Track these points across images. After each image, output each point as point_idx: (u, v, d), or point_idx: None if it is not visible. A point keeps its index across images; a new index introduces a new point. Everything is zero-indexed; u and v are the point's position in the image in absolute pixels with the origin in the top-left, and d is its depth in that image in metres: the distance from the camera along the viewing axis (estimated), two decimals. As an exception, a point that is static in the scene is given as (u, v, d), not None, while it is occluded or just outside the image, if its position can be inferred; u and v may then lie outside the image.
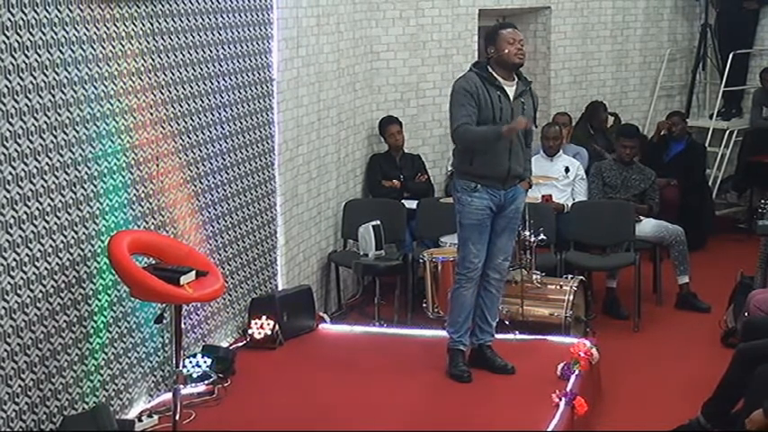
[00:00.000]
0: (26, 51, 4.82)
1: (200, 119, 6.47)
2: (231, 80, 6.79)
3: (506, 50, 6.12)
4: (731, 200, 11.49)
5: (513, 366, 6.37)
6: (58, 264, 5.14)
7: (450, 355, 6.35)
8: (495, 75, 6.17)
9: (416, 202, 8.79)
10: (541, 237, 7.61)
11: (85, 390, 5.40)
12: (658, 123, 10.34)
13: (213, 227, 6.66)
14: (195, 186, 6.45)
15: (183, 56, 6.25)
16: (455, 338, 6.34)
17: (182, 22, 6.21)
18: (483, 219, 6.22)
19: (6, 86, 4.69)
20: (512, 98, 6.18)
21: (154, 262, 5.51)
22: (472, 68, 6.28)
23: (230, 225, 6.87)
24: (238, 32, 6.85)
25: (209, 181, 6.60)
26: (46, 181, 5.01)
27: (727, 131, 11.09)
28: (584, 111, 10.57)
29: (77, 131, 5.24)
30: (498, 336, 7.07)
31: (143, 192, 5.88)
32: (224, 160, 6.77)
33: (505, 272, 6.48)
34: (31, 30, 4.85)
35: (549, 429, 5.66)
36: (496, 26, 6.42)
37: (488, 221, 6.24)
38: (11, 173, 4.76)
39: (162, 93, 6.05)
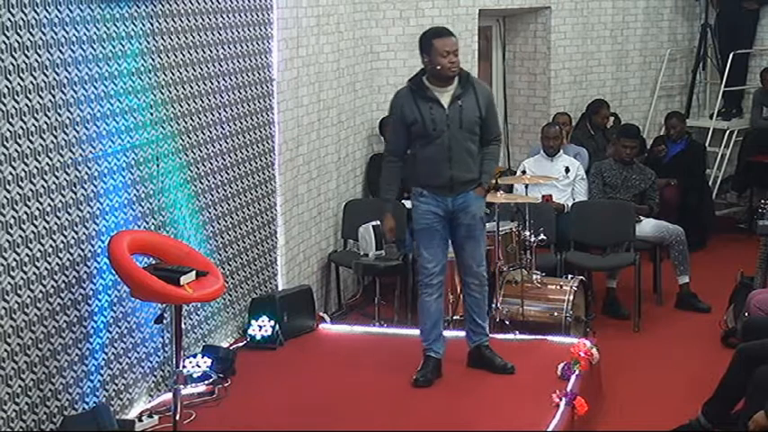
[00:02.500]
0: (26, 51, 4.82)
1: (200, 119, 6.47)
2: (231, 80, 6.79)
3: (439, 65, 5.99)
4: (731, 200, 11.49)
5: (513, 366, 6.35)
6: (58, 264, 5.14)
7: (423, 359, 6.31)
8: (429, 84, 6.08)
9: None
10: (541, 237, 7.62)
11: (86, 390, 5.40)
12: (654, 150, 10.21)
13: (213, 227, 6.66)
14: (195, 186, 6.45)
15: (183, 56, 6.25)
16: (425, 345, 6.31)
17: (182, 22, 6.21)
18: (431, 223, 6.15)
19: (6, 86, 4.70)
20: (446, 105, 6.05)
21: (154, 262, 5.51)
22: (408, 82, 6.21)
23: (230, 225, 6.87)
24: (238, 32, 6.85)
25: (209, 181, 6.60)
26: (46, 181, 5.01)
27: (727, 131, 11.09)
28: (586, 109, 10.57)
29: (77, 131, 5.24)
30: (498, 336, 7.08)
31: (143, 192, 5.88)
32: (224, 160, 6.77)
33: (484, 277, 6.37)
34: (31, 30, 4.85)
35: (550, 429, 5.65)
36: (429, 33, 6.15)
37: (438, 226, 6.16)
38: (11, 173, 4.76)
39: (162, 93, 6.05)
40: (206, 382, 6.12)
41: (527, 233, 7.59)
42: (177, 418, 5.42)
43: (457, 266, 6.54)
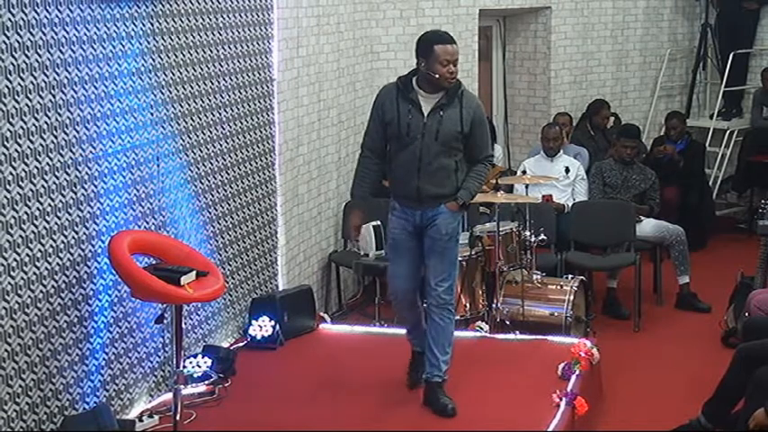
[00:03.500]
0: (26, 51, 4.82)
1: (200, 119, 6.47)
2: (231, 80, 6.79)
3: (438, 73, 5.58)
4: (731, 200, 11.49)
5: (454, 408, 5.79)
6: (58, 264, 5.14)
7: (411, 356, 6.23)
8: (416, 86, 5.69)
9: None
10: (542, 237, 7.62)
11: (86, 390, 5.40)
12: (655, 151, 10.20)
13: (214, 227, 6.66)
14: (196, 186, 6.45)
15: (184, 56, 6.25)
16: (413, 343, 6.18)
17: (182, 22, 6.21)
18: (399, 239, 5.84)
19: (7, 86, 4.70)
20: (426, 112, 5.63)
21: (154, 262, 5.51)
22: (397, 79, 5.83)
23: (231, 225, 6.87)
24: (238, 32, 6.85)
25: (209, 181, 6.60)
26: (46, 181, 5.02)
27: (728, 131, 11.09)
28: (586, 109, 10.56)
29: (77, 131, 5.24)
30: (498, 336, 7.09)
31: (143, 192, 5.88)
32: (224, 160, 6.77)
33: (443, 300, 5.83)
34: (31, 30, 4.85)
35: (550, 429, 5.66)
36: (431, 37, 5.72)
37: (406, 243, 5.83)
38: (11, 173, 4.76)
39: (162, 93, 6.05)
40: (206, 382, 6.12)
41: (527, 233, 7.59)
42: (177, 418, 5.42)
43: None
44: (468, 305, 7.45)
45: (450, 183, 5.74)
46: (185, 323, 6.19)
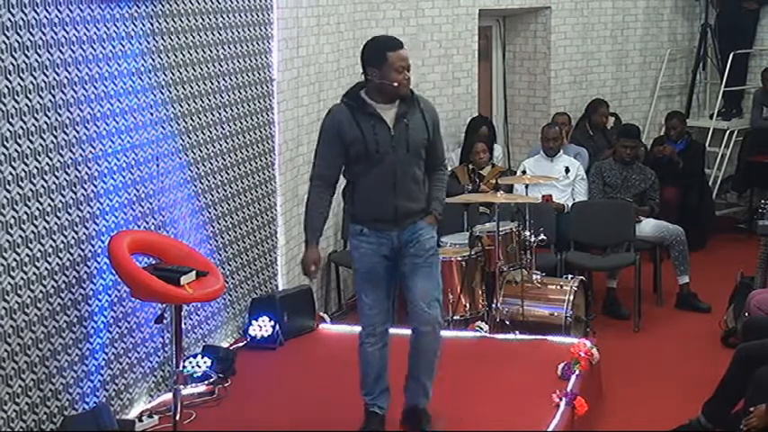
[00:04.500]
0: (26, 51, 4.82)
1: (200, 119, 6.47)
2: (231, 80, 6.79)
3: (395, 82, 5.15)
4: (731, 200, 11.49)
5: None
6: (58, 264, 5.14)
7: (365, 416, 5.54)
8: (369, 100, 5.21)
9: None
10: (541, 237, 7.62)
11: (86, 390, 5.40)
12: (655, 150, 10.19)
13: (213, 227, 6.66)
14: (195, 186, 6.45)
15: (183, 56, 6.25)
16: (368, 400, 5.53)
17: (182, 22, 6.21)
18: (373, 266, 5.30)
19: (6, 86, 4.70)
20: (390, 123, 5.20)
21: (154, 262, 5.51)
22: (343, 99, 5.33)
23: (231, 225, 6.87)
24: (238, 32, 6.85)
25: (209, 181, 6.60)
26: (46, 181, 5.01)
27: (728, 131, 11.09)
28: (585, 110, 10.57)
29: (77, 131, 5.24)
30: (498, 336, 7.09)
31: (143, 192, 5.88)
32: (224, 160, 6.77)
33: (436, 321, 5.38)
34: (31, 30, 4.85)
35: (550, 429, 5.65)
36: (381, 44, 5.27)
37: (381, 270, 5.32)
38: (11, 173, 4.76)
39: (162, 93, 6.05)
40: (206, 382, 6.12)
41: (527, 233, 7.59)
42: (177, 418, 5.42)
43: (406, 308, 5.51)
44: (467, 305, 7.45)
45: (422, 196, 5.36)
46: (185, 323, 6.19)
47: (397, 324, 7.60)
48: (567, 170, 8.97)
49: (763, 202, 7.93)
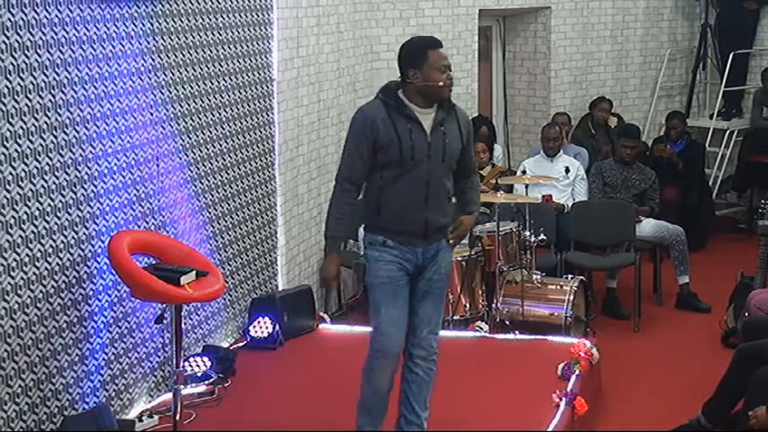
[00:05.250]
0: (26, 51, 4.82)
1: (200, 119, 6.47)
2: (231, 80, 6.79)
3: (439, 81, 4.89)
4: (731, 200, 11.49)
5: None
6: (58, 264, 5.14)
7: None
8: (408, 102, 4.91)
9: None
10: (541, 237, 7.62)
11: (86, 390, 5.40)
12: (654, 148, 10.21)
13: (213, 227, 6.66)
14: (195, 186, 6.45)
15: (183, 56, 6.25)
16: (364, 421, 5.19)
17: (182, 22, 6.21)
18: (397, 277, 4.96)
19: (6, 86, 4.70)
20: (428, 130, 4.90)
21: (154, 262, 5.51)
22: (379, 95, 5.02)
23: (230, 225, 6.87)
24: (238, 32, 6.85)
25: (209, 181, 6.60)
26: (46, 181, 5.01)
27: (727, 131, 11.09)
28: (589, 108, 10.56)
29: (77, 131, 5.24)
30: (498, 336, 7.09)
31: (143, 192, 5.88)
32: (224, 160, 6.77)
33: (433, 349, 5.13)
34: (31, 30, 4.85)
35: (550, 429, 5.66)
36: (421, 43, 5.01)
37: (404, 281, 4.98)
38: (11, 173, 4.76)
39: (162, 93, 6.05)
40: (206, 382, 6.12)
41: (527, 233, 7.59)
42: (177, 418, 5.41)
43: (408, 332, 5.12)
44: (467, 305, 7.46)
45: (449, 209, 5.10)
46: (185, 323, 6.19)
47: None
48: (567, 170, 8.97)
49: (763, 202, 7.93)
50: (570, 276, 7.74)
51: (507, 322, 7.23)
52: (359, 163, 4.95)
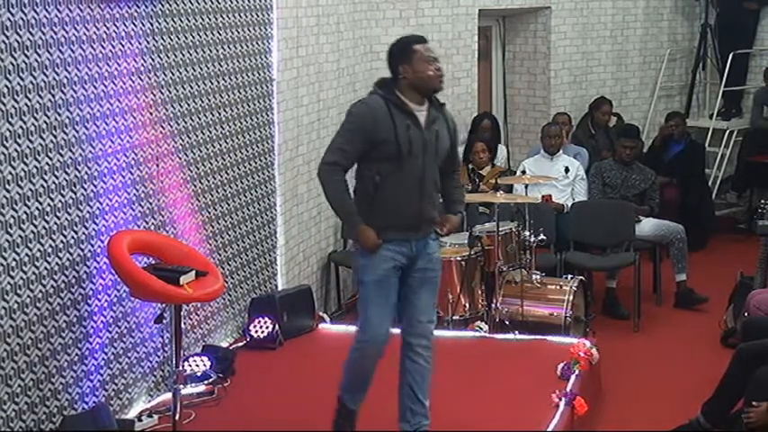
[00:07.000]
0: (26, 51, 4.82)
1: (200, 119, 6.47)
2: (231, 80, 6.79)
3: (429, 72, 5.08)
4: (731, 200, 11.50)
5: None
6: (57, 264, 5.14)
7: (340, 413, 5.43)
8: (405, 99, 5.07)
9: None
10: (541, 237, 7.62)
11: (85, 389, 5.40)
12: (661, 128, 10.32)
13: (213, 227, 6.66)
14: (195, 186, 6.45)
15: (183, 56, 6.25)
16: (346, 400, 5.41)
17: (182, 22, 6.21)
18: (388, 275, 5.08)
19: (6, 86, 4.70)
20: (424, 126, 5.08)
21: (154, 262, 5.51)
22: (376, 90, 5.15)
23: (230, 225, 6.87)
24: (238, 32, 6.85)
25: (209, 181, 6.60)
26: (46, 181, 5.01)
27: (727, 131, 11.10)
28: (589, 107, 10.56)
29: (77, 131, 5.24)
30: (498, 336, 7.09)
31: (143, 192, 5.88)
32: (224, 160, 6.77)
33: (432, 335, 5.26)
34: (30, 30, 4.85)
35: (549, 429, 5.65)
36: (407, 40, 5.26)
37: (396, 277, 5.12)
38: (11, 173, 4.76)
39: (162, 93, 6.05)
40: (206, 382, 6.12)
41: (527, 233, 7.59)
42: (177, 418, 5.41)
43: (402, 323, 5.27)
44: (467, 305, 7.45)
45: (438, 203, 5.27)
46: (185, 323, 6.19)
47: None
48: (567, 170, 8.97)
49: (762, 202, 7.93)
50: (570, 276, 7.74)
51: (507, 322, 7.23)
52: (352, 153, 5.06)
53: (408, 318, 5.22)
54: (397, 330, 5.30)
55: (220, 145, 6.71)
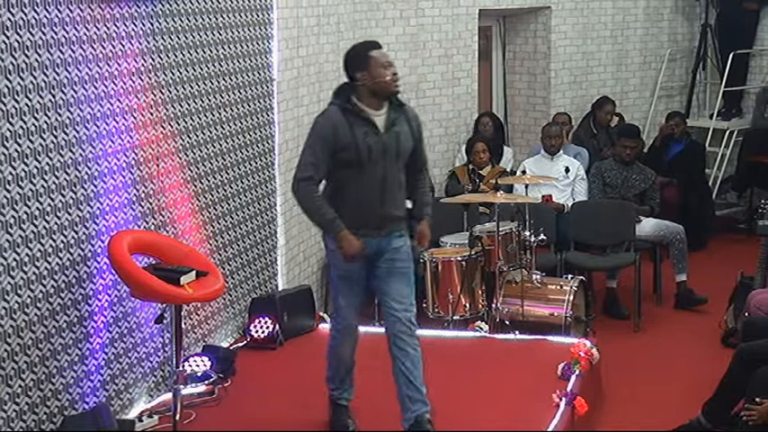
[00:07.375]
0: (26, 51, 4.82)
1: (200, 119, 6.47)
2: (231, 80, 6.79)
3: (384, 78, 5.25)
4: (731, 200, 11.49)
5: None
6: (58, 264, 5.14)
7: (332, 409, 5.67)
8: (362, 105, 5.24)
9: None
10: (541, 237, 7.62)
11: (86, 390, 5.40)
12: (661, 127, 10.32)
13: (213, 227, 6.66)
14: (195, 186, 6.45)
15: (183, 56, 6.25)
16: (336, 394, 5.65)
17: (182, 22, 6.21)
18: (352, 270, 5.33)
19: (6, 86, 4.69)
20: (383, 130, 5.24)
21: (154, 262, 5.51)
22: (334, 100, 5.34)
23: (230, 225, 6.87)
24: (238, 32, 6.85)
25: (209, 181, 6.60)
26: (46, 181, 5.01)
27: (727, 131, 11.09)
28: (591, 107, 10.56)
29: (77, 131, 5.24)
30: (498, 336, 7.09)
31: (143, 192, 5.88)
32: (224, 160, 6.77)
33: (414, 324, 5.36)
34: (31, 30, 4.85)
35: (550, 429, 5.65)
36: (363, 47, 5.46)
37: (360, 275, 5.36)
38: (11, 173, 4.76)
39: (162, 93, 6.05)
40: (206, 382, 6.12)
41: (527, 233, 7.59)
42: (177, 418, 5.41)
43: (383, 317, 5.48)
44: (467, 305, 7.45)
45: (403, 202, 5.40)
46: (185, 323, 6.19)
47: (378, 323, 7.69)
48: (567, 170, 8.97)
49: (763, 202, 7.94)
50: (570, 276, 7.74)
51: (507, 322, 7.23)
52: (322, 165, 5.24)
53: (385, 308, 5.41)
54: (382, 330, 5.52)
55: (221, 145, 6.71)
